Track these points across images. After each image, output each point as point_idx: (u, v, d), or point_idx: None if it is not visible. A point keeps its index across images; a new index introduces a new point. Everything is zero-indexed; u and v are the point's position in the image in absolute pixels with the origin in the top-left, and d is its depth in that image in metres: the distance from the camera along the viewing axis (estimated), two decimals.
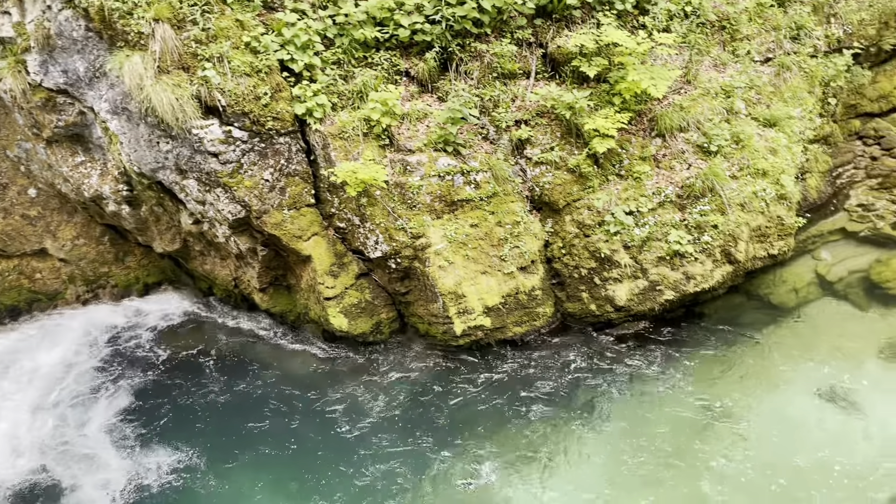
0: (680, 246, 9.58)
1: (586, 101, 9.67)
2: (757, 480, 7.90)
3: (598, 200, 9.77)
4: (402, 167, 9.65)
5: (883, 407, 8.60)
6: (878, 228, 11.80)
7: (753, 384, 9.27)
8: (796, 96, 11.46)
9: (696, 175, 9.77)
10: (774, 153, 10.20)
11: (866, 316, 10.14)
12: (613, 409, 9.22)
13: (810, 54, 12.00)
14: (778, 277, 11.08)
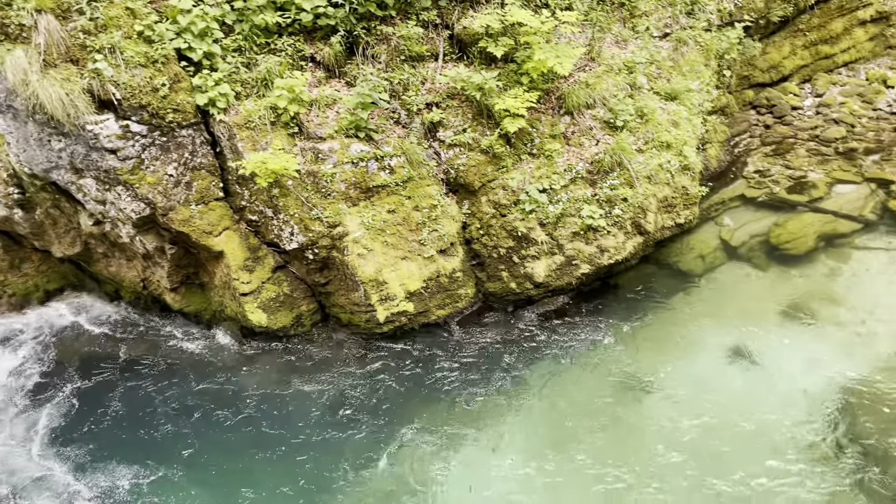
0: (593, 220, 9.92)
1: (495, 81, 9.81)
2: (678, 439, 8.35)
3: (513, 180, 9.96)
4: (314, 155, 9.52)
5: (786, 362, 9.24)
6: (775, 193, 12.60)
7: (669, 349, 9.75)
8: (694, 70, 12.00)
9: (604, 150, 10.11)
10: (676, 126, 10.68)
11: (768, 277, 10.82)
12: (538, 382, 9.50)
13: (705, 28, 12.59)
14: (685, 245, 11.66)
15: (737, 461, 7.99)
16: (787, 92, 15.56)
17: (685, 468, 8.01)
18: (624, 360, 9.68)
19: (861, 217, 11.69)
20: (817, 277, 10.58)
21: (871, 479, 7.55)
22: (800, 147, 13.89)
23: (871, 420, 8.17)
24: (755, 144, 14.26)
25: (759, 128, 14.78)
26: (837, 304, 10.01)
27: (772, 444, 8.14)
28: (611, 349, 9.88)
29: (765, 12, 14.01)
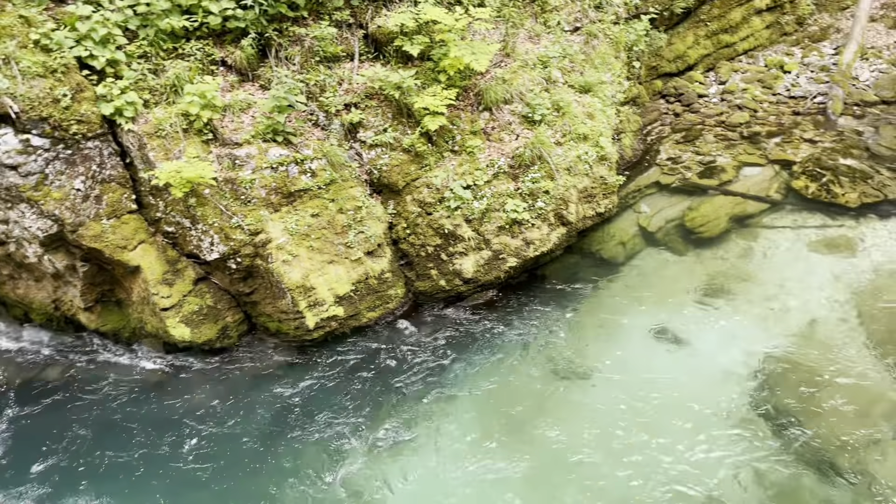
0: (517, 214, 10.12)
1: (413, 80, 9.86)
2: (615, 419, 8.65)
3: (436, 178, 10.05)
4: (231, 162, 9.33)
5: (708, 339, 9.71)
6: (687, 179, 13.19)
7: (598, 335, 10.08)
8: (605, 62, 12.41)
9: (524, 145, 10.33)
10: (592, 117, 11.02)
11: (685, 260, 11.33)
12: (473, 376, 9.64)
13: (613, 21, 13.03)
14: (607, 233, 12.07)
15: (672, 436, 8.35)
16: (693, 81, 16.30)
17: (625, 447, 8.31)
18: (556, 348, 9.94)
19: (768, 197, 12.39)
20: (731, 257, 11.15)
21: (791, 442, 8.03)
22: (708, 133, 14.59)
23: (788, 388, 8.70)
24: (666, 132, 14.88)
25: (670, 116, 15.44)
26: (751, 282, 10.58)
27: (702, 417, 8.55)
28: (542, 339, 10.13)
29: (668, 4, 14.62)
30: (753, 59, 16.99)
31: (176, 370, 10.19)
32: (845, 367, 8.86)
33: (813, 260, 10.82)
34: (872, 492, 7.37)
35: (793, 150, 13.54)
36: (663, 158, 14.00)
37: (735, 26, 16.49)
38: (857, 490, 7.42)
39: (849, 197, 11.83)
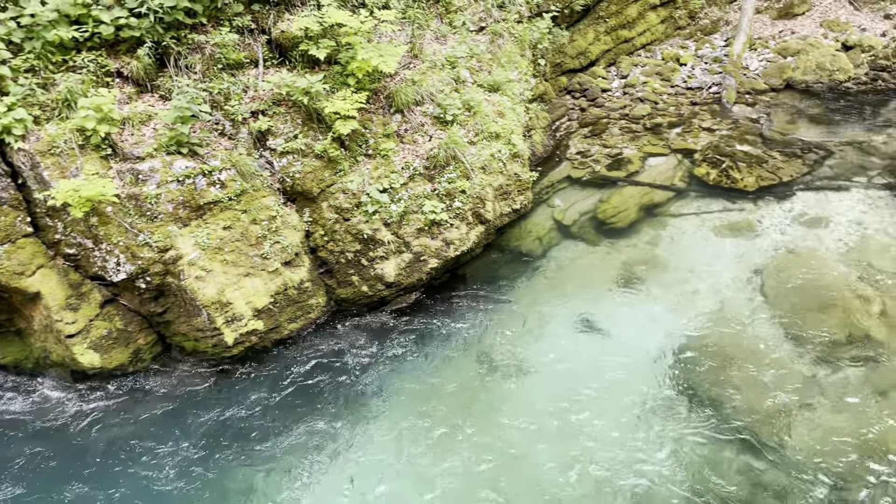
0: (435, 215, 10.19)
1: (321, 84, 9.76)
2: (544, 410, 8.84)
3: (352, 183, 9.99)
4: (134, 177, 8.96)
5: (626, 326, 10.07)
6: (597, 172, 13.64)
7: (521, 329, 10.27)
8: (511, 61, 12.67)
9: (438, 146, 10.41)
10: (502, 116, 11.23)
11: (600, 250, 11.71)
12: (402, 380, 9.64)
13: (517, 20, 13.32)
14: (524, 229, 12.33)
15: (601, 421, 8.62)
16: (596, 76, 16.86)
17: (559, 435, 8.51)
18: (483, 344, 10.07)
19: (673, 186, 12.98)
20: (642, 245, 11.62)
21: (711, 418, 8.45)
22: (613, 126, 15.13)
23: (704, 367, 9.14)
24: (574, 127, 15.33)
25: (576, 111, 15.92)
26: (663, 268, 11.05)
27: (628, 400, 8.87)
28: (469, 336, 10.24)
29: (569, 2, 15.08)
30: (651, 52, 17.75)
31: (86, 400, 9.69)
32: (754, 343, 9.39)
33: (718, 243, 11.41)
34: (787, 458, 7.86)
35: (693, 139, 14.24)
36: (573, 153, 14.42)
37: (632, 22, 17.19)
38: (775, 458, 7.89)
39: (747, 181, 12.54)
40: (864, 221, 11.26)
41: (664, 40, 18.07)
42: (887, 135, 13.59)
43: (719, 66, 16.64)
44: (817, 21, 17.53)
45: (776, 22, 17.90)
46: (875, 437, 7.89)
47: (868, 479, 7.47)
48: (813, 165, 12.88)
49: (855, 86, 15.70)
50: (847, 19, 17.19)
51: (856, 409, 8.28)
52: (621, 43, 17.35)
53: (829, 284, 10.03)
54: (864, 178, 12.34)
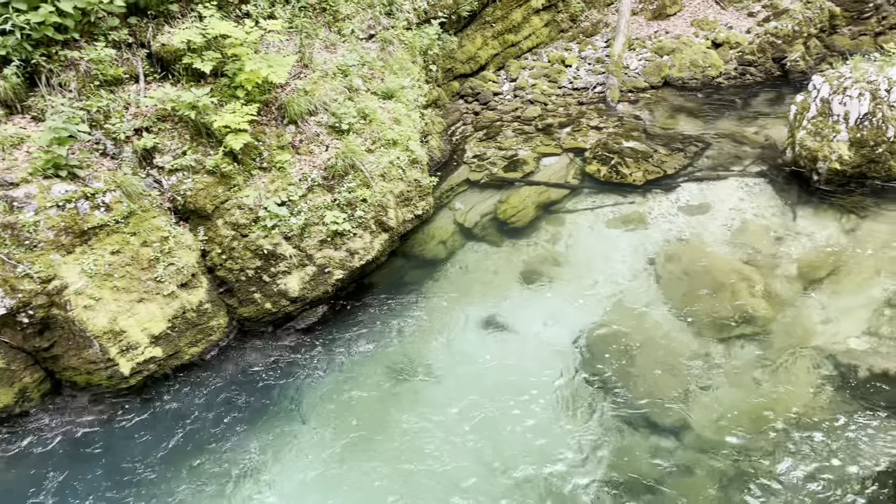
0: (337, 225, 10.10)
1: (209, 98, 9.47)
2: (456, 417, 8.92)
3: (248, 197, 9.74)
4: (8, 205, 8.37)
5: (532, 324, 10.33)
6: (494, 173, 13.93)
7: (430, 334, 10.34)
8: (403, 67, 12.76)
9: (335, 155, 10.32)
10: (398, 122, 11.28)
11: (503, 250, 11.97)
12: (313, 396, 9.47)
13: (406, 27, 13.43)
14: (428, 234, 12.42)
15: (514, 417, 8.78)
16: (486, 80, 17.22)
17: (475, 435, 8.59)
18: (394, 352, 10.05)
19: (567, 183, 13.45)
20: (543, 243, 11.96)
21: (618, 406, 8.80)
22: (507, 128, 15.51)
23: (608, 356, 9.51)
24: (469, 131, 15.60)
25: (470, 115, 16.21)
26: (563, 264, 11.43)
27: (539, 396, 9.08)
28: (379, 345, 10.19)
29: (455, 8, 15.34)
30: (538, 55, 18.33)
31: None
32: (653, 329, 9.86)
33: (613, 236, 11.91)
34: (692, 436, 8.29)
35: (583, 137, 14.81)
36: (470, 156, 14.67)
37: (517, 26, 17.70)
38: (680, 437, 8.30)
39: (635, 176, 13.17)
40: (743, 207, 12.07)
41: (549, 43, 18.71)
42: (758, 125, 14.64)
43: (602, 67, 17.39)
44: (688, 21, 18.67)
45: (651, 23, 18.92)
46: (768, 407, 8.46)
47: (765, 448, 8.00)
48: (693, 157, 13.68)
49: (726, 80, 16.82)
50: (715, 18, 18.39)
51: (749, 383, 8.85)
52: (509, 47, 17.83)
53: (716, 268, 10.68)
54: (739, 167, 13.22)
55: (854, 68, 12.14)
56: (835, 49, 17.32)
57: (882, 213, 11.33)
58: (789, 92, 15.65)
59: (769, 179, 12.73)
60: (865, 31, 17.64)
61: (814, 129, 12.06)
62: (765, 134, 14.24)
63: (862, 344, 9.15)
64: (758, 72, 16.89)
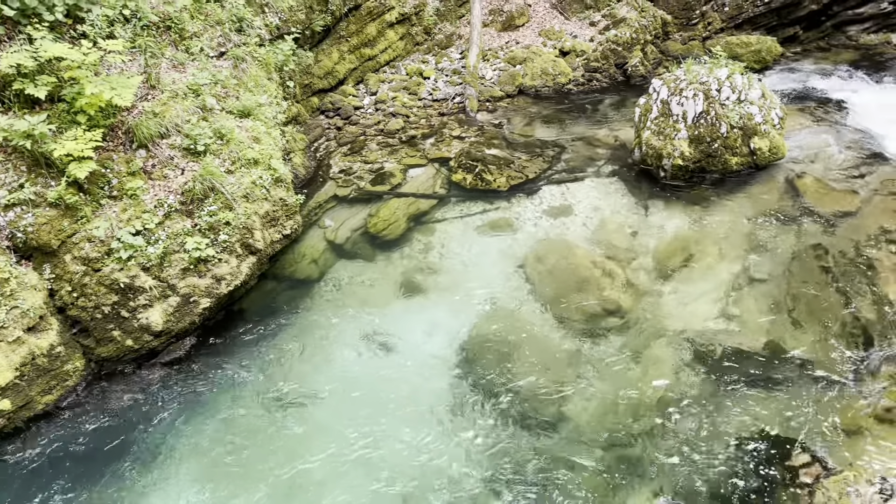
0: (200, 252, 9.68)
1: (46, 125, 8.80)
2: (339, 437, 8.77)
3: (98, 229, 9.13)
4: None
5: (412, 335, 10.38)
6: (362, 188, 13.91)
7: (309, 356, 10.13)
8: (259, 85, 12.47)
9: (192, 178, 9.90)
10: (258, 141, 11.00)
11: (377, 264, 11.96)
12: (185, 435, 9.00)
13: (258, 44, 13.15)
14: (298, 254, 12.19)
15: (402, 432, 8.76)
16: (346, 94, 17.19)
17: (363, 454, 8.48)
18: (271, 379, 9.74)
19: (435, 194, 13.66)
20: (416, 254, 12.07)
21: (503, 408, 9.02)
22: (371, 142, 15.55)
23: (488, 361, 9.74)
24: (333, 146, 15.49)
25: (333, 130, 16.10)
26: (438, 273, 11.58)
27: (425, 407, 9.12)
28: (254, 373, 9.85)
29: (308, 23, 15.21)
30: (395, 68, 18.52)
31: None
32: (527, 328, 10.21)
33: (483, 242, 12.23)
34: (570, 430, 8.64)
35: (446, 147, 15.12)
36: (336, 172, 14.56)
37: (373, 40, 17.81)
38: (560, 432, 8.63)
39: (499, 182, 13.60)
40: (600, 206, 12.79)
41: (406, 56, 18.96)
42: (607, 128, 15.58)
43: (459, 78, 17.85)
44: (536, 31, 19.56)
45: (502, 34, 19.65)
46: (639, 392, 8.99)
47: (639, 431, 8.49)
48: (552, 161, 14.33)
49: (575, 87, 17.78)
50: (560, 28, 19.39)
51: (620, 371, 9.37)
52: (366, 61, 17.90)
53: (580, 265, 11.24)
54: (594, 168, 14.01)
55: (687, 71, 13.22)
56: (669, 54, 18.78)
57: (722, 202, 12.39)
58: (633, 95, 16.78)
59: (621, 178, 13.57)
60: (694, 36, 19.27)
61: (657, 129, 12.99)
62: (614, 136, 15.18)
63: (716, 324, 9.95)
64: (603, 77, 17.98)
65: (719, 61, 13.38)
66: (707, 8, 19.31)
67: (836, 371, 8.95)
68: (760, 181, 12.81)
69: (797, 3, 18.62)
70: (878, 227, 11.22)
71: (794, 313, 9.92)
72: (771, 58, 18.11)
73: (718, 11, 19.20)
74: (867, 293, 10.01)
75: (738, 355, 9.37)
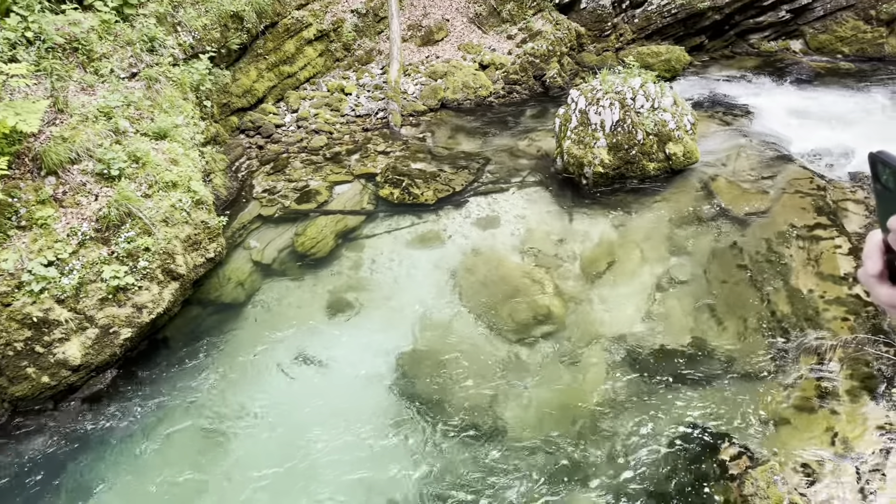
0: (119, 280, 9.31)
1: None
2: (274, 464, 8.57)
3: (6, 262, 8.66)
4: None
5: (347, 354, 10.26)
6: (287, 206, 13.70)
7: (239, 383, 9.86)
8: (174, 105, 12.14)
9: (107, 204, 9.54)
10: (176, 163, 10.70)
11: (306, 284, 11.77)
12: (111, 476, 8.60)
13: (172, 63, 12.82)
14: (223, 277, 11.86)
15: (338, 454, 8.62)
16: (266, 112, 16.95)
17: (300, 479, 8.29)
18: (200, 408, 9.43)
19: (362, 210, 13.59)
20: (346, 271, 11.96)
21: (439, 420, 9.01)
22: (294, 160, 15.35)
23: (424, 375, 9.72)
24: (255, 166, 15.21)
25: (254, 149, 15.81)
26: (369, 290, 11.50)
27: (361, 426, 9.00)
28: (180, 406, 9.51)
29: (223, 41, 14.94)
30: (316, 85, 18.39)
31: None
32: (461, 341, 10.26)
33: (413, 256, 12.23)
34: (508, 438, 8.71)
35: (372, 163, 15.08)
36: (259, 191, 14.29)
37: (292, 57, 17.64)
38: (498, 441, 8.69)
39: (427, 195, 13.66)
40: (526, 215, 13.01)
41: (326, 73, 18.86)
42: (529, 139, 15.89)
43: (381, 93, 17.87)
44: (455, 45, 19.81)
45: (422, 48, 19.81)
46: (573, 398, 9.15)
47: (576, 436, 8.63)
48: (477, 173, 14.50)
49: (496, 99, 18.07)
50: (479, 42, 19.70)
51: (554, 378, 9.51)
52: (285, 78, 17.70)
53: (510, 275, 11.38)
54: (518, 178, 14.25)
55: (603, 81, 13.65)
56: (585, 65, 19.35)
57: (643, 207, 12.81)
58: (552, 106, 17.19)
59: (546, 187, 13.85)
60: (608, 47, 19.93)
61: (577, 138, 13.34)
62: (536, 146, 15.49)
63: (642, 326, 10.25)
64: (523, 89, 18.35)
65: (632, 71, 13.87)
66: (618, 20, 20.02)
67: (757, 364, 9.35)
68: (677, 185, 13.31)
69: (701, 14, 19.52)
70: (788, 223, 11.82)
71: (716, 311, 10.32)
72: (680, 66, 18.90)
73: (629, 23, 19.93)
74: (781, 288, 10.52)
75: (666, 354, 9.67)
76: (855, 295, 10.16)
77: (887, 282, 1.14)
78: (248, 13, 15.47)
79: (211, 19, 14.46)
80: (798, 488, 7.52)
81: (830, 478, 7.66)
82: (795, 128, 15.15)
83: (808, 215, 11.98)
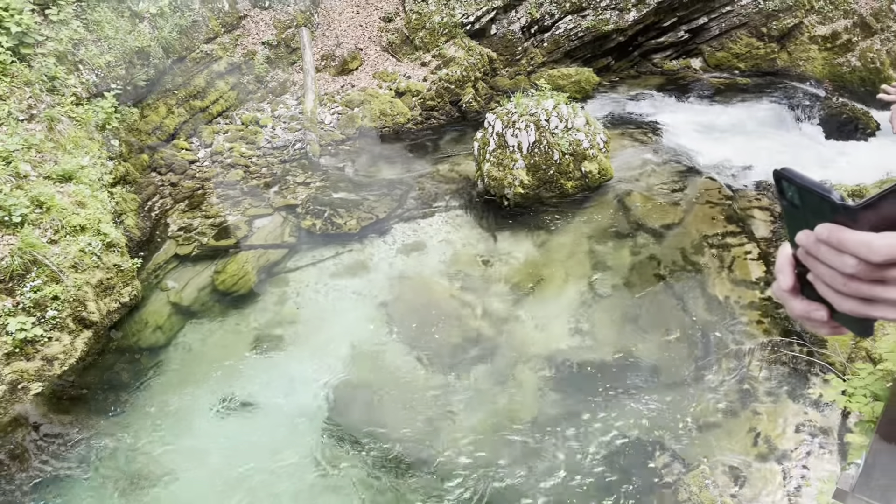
0: (26, 332, 8.80)
1: None
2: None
3: None
4: None
5: (275, 393, 9.98)
6: (205, 244, 13.29)
7: (162, 431, 9.44)
8: (79, 146, 11.68)
9: (10, 253, 9.03)
10: (84, 206, 10.26)
11: (229, 322, 11.43)
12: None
13: (74, 103, 12.36)
14: (140, 322, 11.36)
15: (271, 496, 8.34)
16: (179, 148, 16.50)
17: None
18: (118, 465, 8.95)
19: (284, 243, 13.35)
20: (271, 307, 11.68)
21: (369, 451, 8.85)
22: (210, 196, 14.96)
23: (354, 407, 9.56)
24: (169, 204, 14.74)
25: (167, 187, 15.33)
26: (295, 325, 11.27)
27: (292, 465, 8.75)
28: (97, 463, 9.01)
29: (129, 78, 14.51)
30: (230, 119, 18.05)
31: None
32: (393, 369, 10.16)
33: (340, 287, 12.08)
34: (441, 467, 8.64)
35: (292, 195, 14.87)
36: (175, 230, 13.83)
37: (202, 91, 17.28)
38: (433, 467, 8.61)
39: (350, 224, 13.55)
40: (451, 239, 13.09)
41: (239, 106, 18.55)
42: (450, 163, 16.05)
43: (298, 124, 17.70)
44: (370, 74, 19.86)
45: (337, 78, 19.77)
46: (507, 418, 9.19)
47: (511, 456, 8.66)
48: (400, 200, 14.51)
49: (414, 126, 18.20)
50: (394, 70, 19.83)
51: (487, 400, 9.54)
52: (197, 113, 17.29)
53: (439, 300, 11.39)
54: (442, 203, 14.34)
55: (517, 104, 13.95)
56: (499, 89, 19.75)
57: (563, 225, 13.11)
58: (470, 130, 17.42)
59: (468, 210, 13.99)
60: (520, 70, 20.42)
61: (496, 160, 13.56)
62: (458, 170, 15.66)
63: (571, 342, 10.42)
64: (440, 115, 18.55)
65: (545, 93, 14.25)
66: (528, 44, 20.57)
67: (681, 372, 9.65)
68: (595, 202, 13.69)
69: (606, 35, 20.29)
70: (701, 233, 12.33)
71: (639, 322, 10.61)
72: (590, 87, 19.55)
73: (539, 47, 20.50)
74: (699, 296, 10.93)
75: (595, 369, 9.86)
76: (767, 298, 10.66)
77: (799, 295, 1.18)
78: (154, 48, 15.10)
79: (115, 56, 14.02)
80: (728, 490, 7.76)
81: (757, 477, 7.95)
82: (701, 141, 15.88)
83: (719, 224, 12.54)
